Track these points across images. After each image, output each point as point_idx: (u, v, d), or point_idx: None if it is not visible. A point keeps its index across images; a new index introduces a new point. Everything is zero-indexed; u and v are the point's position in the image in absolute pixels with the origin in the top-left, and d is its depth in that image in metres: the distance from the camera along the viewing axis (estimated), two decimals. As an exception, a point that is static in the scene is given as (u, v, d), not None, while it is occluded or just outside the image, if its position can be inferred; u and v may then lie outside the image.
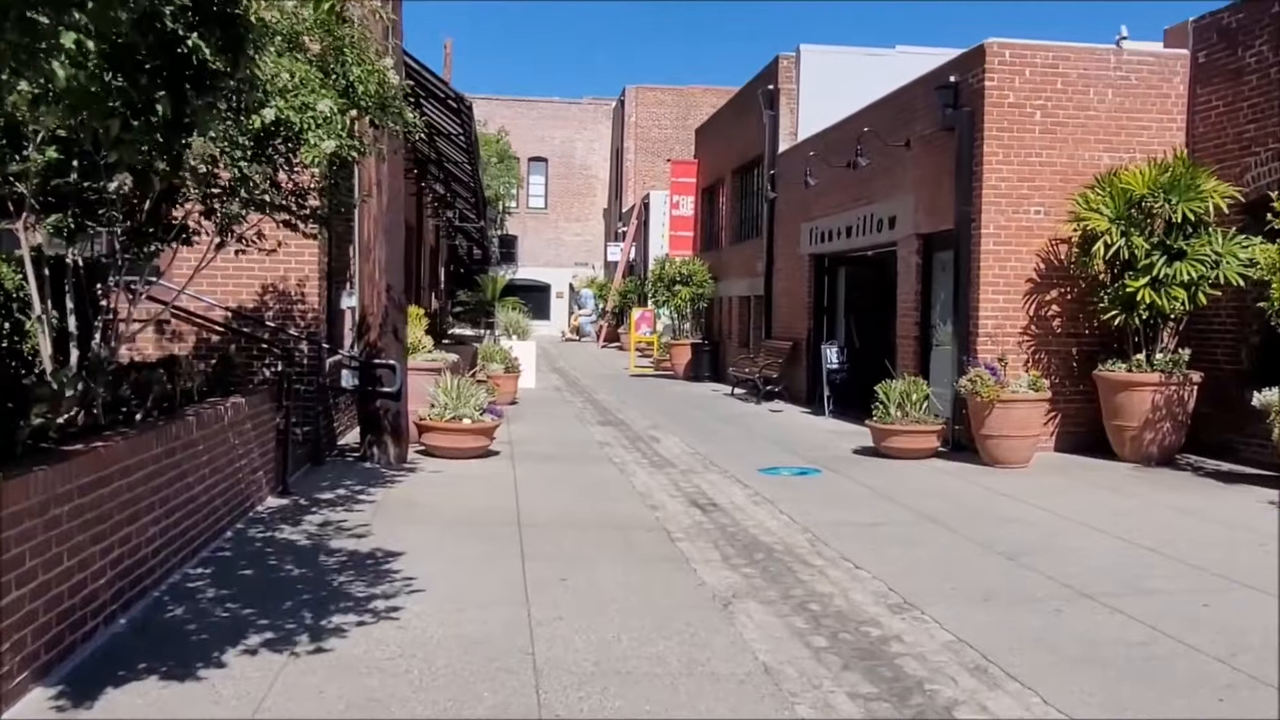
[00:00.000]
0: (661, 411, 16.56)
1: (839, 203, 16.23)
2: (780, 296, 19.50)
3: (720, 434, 13.71)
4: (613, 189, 48.39)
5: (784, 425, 14.78)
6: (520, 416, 15.06)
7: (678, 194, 27.46)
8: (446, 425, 10.31)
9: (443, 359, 11.27)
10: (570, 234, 50.46)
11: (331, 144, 5.51)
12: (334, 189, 6.87)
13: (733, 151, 23.56)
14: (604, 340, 39.54)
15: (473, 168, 15.34)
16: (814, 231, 17.48)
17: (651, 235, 36.44)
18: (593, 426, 14.46)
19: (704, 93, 44.64)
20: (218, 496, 6.55)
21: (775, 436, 13.40)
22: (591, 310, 44.17)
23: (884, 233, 14.46)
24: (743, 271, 22.44)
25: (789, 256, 18.91)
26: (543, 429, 13.78)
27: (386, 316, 9.82)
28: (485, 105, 46.52)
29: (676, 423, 14.91)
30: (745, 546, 7.17)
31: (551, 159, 50.16)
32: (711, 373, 23.70)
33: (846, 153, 15.73)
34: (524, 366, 19.43)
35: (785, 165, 18.85)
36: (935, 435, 11.25)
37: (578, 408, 17.21)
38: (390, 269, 9.84)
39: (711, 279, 24.38)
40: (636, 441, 12.86)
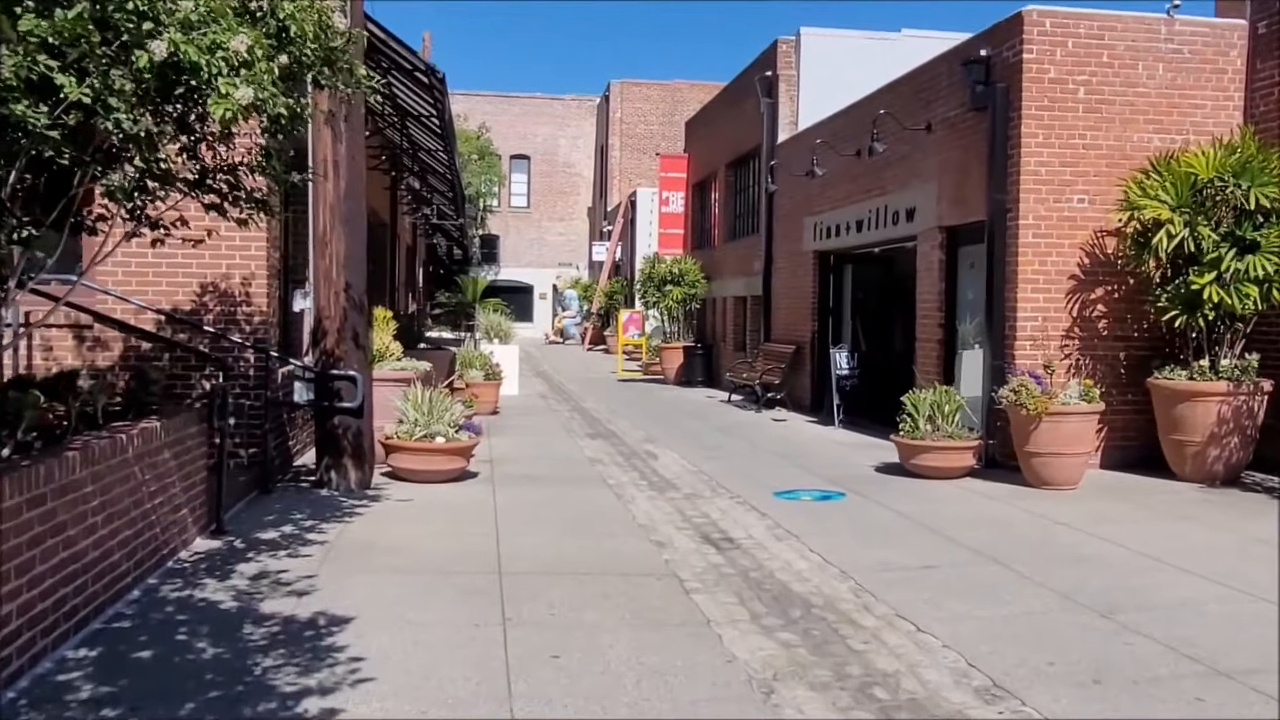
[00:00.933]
0: (655, 421, 15.26)
1: (847, 195, 14.96)
2: (780, 296, 18.23)
3: (723, 448, 12.41)
4: (597, 187, 47.07)
5: (791, 437, 13.48)
6: (502, 428, 13.72)
7: (667, 190, 26.16)
8: (417, 445, 8.97)
9: (414, 368, 9.93)
10: (554, 234, 49.11)
11: (248, 92, 4.17)
12: (267, 159, 5.52)
13: (726, 144, 22.28)
14: (589, 343, 38.22)
15: (449, 155, 14.04)
16: (819, 226, 16.21)
17: (639, 234, 35.12)
18: (582, 439, 13.14)
19: (691, 88, 43.38)
20: (117, 549, 5.19)
21: (784, 450, 12.10)
22: (576, 312, 42.83)
23: (900, 226, 13.19)
24: (738, 270, 21.16)
25: (790, 254, 17.64)
26: (527, 443, 12.44)
27: (346, 320, 8.48)
28: (466, 101, 45.18)
29: (673, 434, 13.60)
30: (776, 599, 5.87)
31: (534, 156, 48.80)
32: (705, 377, 22.42)
33: (856, 140, 14.46)
34: (506, 373, 18.10)
35: (786, 156, 17.58)
36: (970, 452, 9.99)
37: (565, 417, 15.88)
38: (350, 265, 8.49)
39: (704, 278, 23.10)
40: (632, 458, 11.55)
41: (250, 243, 8.56)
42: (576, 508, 8.46)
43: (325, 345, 8.50)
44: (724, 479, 9.97)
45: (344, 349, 8.49)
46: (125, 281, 8.50)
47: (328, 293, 8.45)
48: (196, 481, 6.56)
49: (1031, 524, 8.00)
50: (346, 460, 8.54)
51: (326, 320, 8.49)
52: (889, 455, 11.04)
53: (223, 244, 8.49)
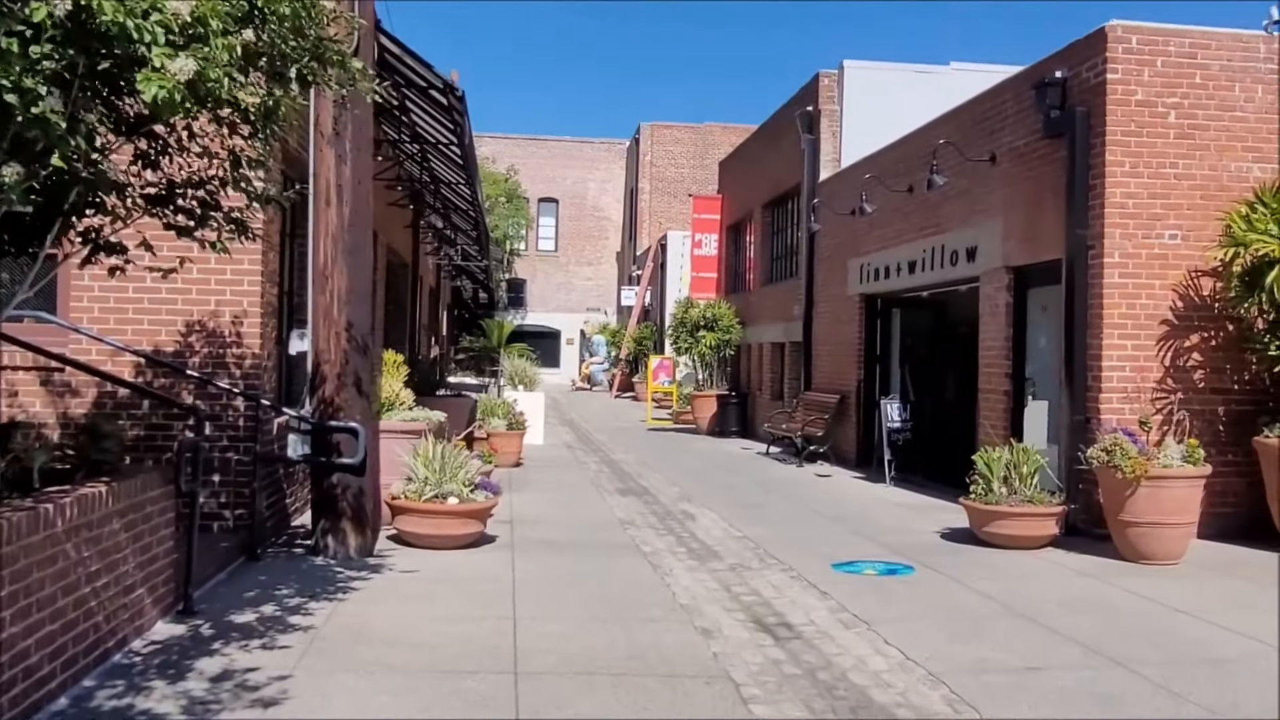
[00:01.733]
0: (690, 476, 14.14)
1: (899, 234, 13.92)
2: (822, 343, 17.14)
3: (766, 508, 11.28)
4: (626, 231, 46.32)
5: (840, 496, 12.32)
6: (524, 483, 12.66)
7: (700, 232, 25.24)
8: (426, 507, 7.91)
9: (426, 418, 8.92)
10: (581, 278, 48.33)
11: (188, 64, 3.19)
12: (235, 166, 4.55)
13: (763, 183, 21.34)
14: (617, 389, 37.20)
15: (471, 188, 13.16)
16: (865, 268, 15.15)
17: (669, 278, 34.21)
18: (611, 497, 12.04)
19: (723, 130, 42.65)
20: (36, 649, 4.15)
21: (835, 512, 10.95)
22: (604, 358, 41.87)
23: (959, 267, 12.12)
24: (776, 315, 20.11)
25: (833, 298, 16.58)
26: (552, 501, 11.36)
27: (347, 364, 7.47)
28: (494, 143, 44.75)
29: (711, 492, 12.48)
30: (854, 711, 4.74)
31: (563, 200, 48.18)
32: (739, 427, 21.29)
33: (909, 175, 13.45)
34: (531, 422, 17.07)
35: (828, 194, 16.59)
36: (1053, 519, 8.81)
37: (592, 471, 14.80)
38: (354, 302, 7.51)
39: (738, 324, 22.06)
40: (667, 519, 10.44)
41: (243, 276, 7.61)
42: (607, 582, 7.36)
43: (324, 393, 7.49)
44: (772, 546, 8.83)
45: (345, 397, 7.48)
46: (102, 319, 7.55)
47: (327, 333, 7.46)
48: (159, 554, 5.52)
49: (1143, 610, 6.81)
50: (345, 524, 7.50)
51: (326, 364, 7.49)
52: (951, 519, 9.90)
53: (211, 278, 7.57)
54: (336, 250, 7.43)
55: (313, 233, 7.59)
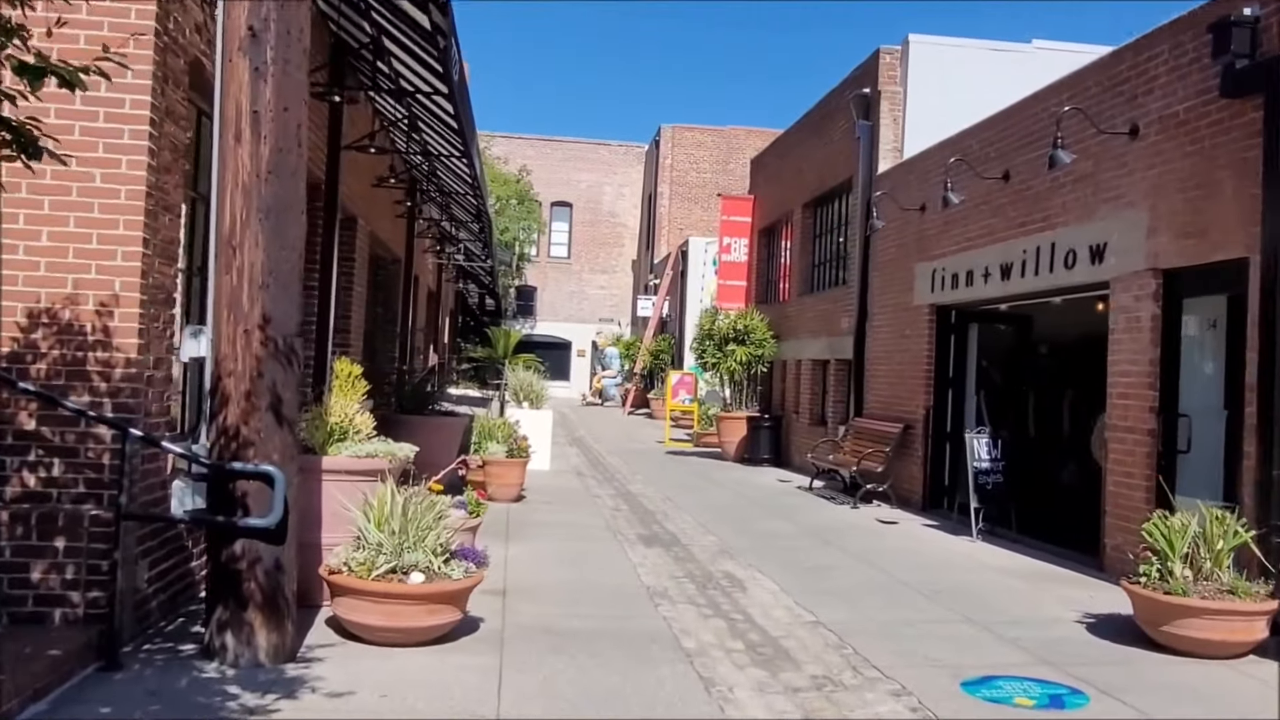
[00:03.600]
0: (726, 518, 11.66)
1: (987, 231, 11.45)
2: (878, 361, 14.66)
3: (835, 572, 8.79)
4: (644, 238, 43.91)
5: (921, 554, 9.80)
6: (525, 526, 10.19)
7: (729, 235, 22.80)
8: (378, 587, 5.45)
9: (387, 453, 6.46)
10: (595, 286, 45.89)
11: None
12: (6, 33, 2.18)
13: (804, 179, 18.90)
14: (631, 406, 34.73)
15: (466, 147, 10.72)
16: (938, 274, 12.68)
17: (690, 287, 31.80)
18: (633, 548, 9.55)
19: (747, 134, 40.27)
20: None
21: (925, 581, 8.45)
22: (617, 371, 39.41)
23: (1076, 270, 9.64)
24: (818, 328, 17.63)
25: (894, 308, 14.10)
26: (558, 556, 8.89)
27: (261, 377, 5.01)
28: (506, 143, 42.51)
29: (757, 544, 10.00)
30: None
31: (577, 204, 45.80)
32: (772, 455, 18.80)
33: (1002, 159, 11.02)
34: (536, 444, 14.66)
35: (890, 188, 14.12)
36: (1263, 619, 6.30)
37: (607, 508, 12.31)
38: (274, 288, 5.05)
39: (771, 338, 19.58)
40: (708, 587, 7.96)
41: (116, 246, 5.18)
42: (637, 707, 4.89)
43: (225, 419, 5.03)
44: (863, 642, 6.35)
45: (257, 426, 5.02)
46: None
47: (232, 331, 5.00)
48: None
49: None
50: (252, 614, 5.04)
51: (230, 378, 5.03)
52: (1080, 595, 7.62)
53: (70, 246, 5.15)
54: (249, 209, 4.98)
55: (217, 183, 5.16)
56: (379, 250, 14.91)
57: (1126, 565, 8.11)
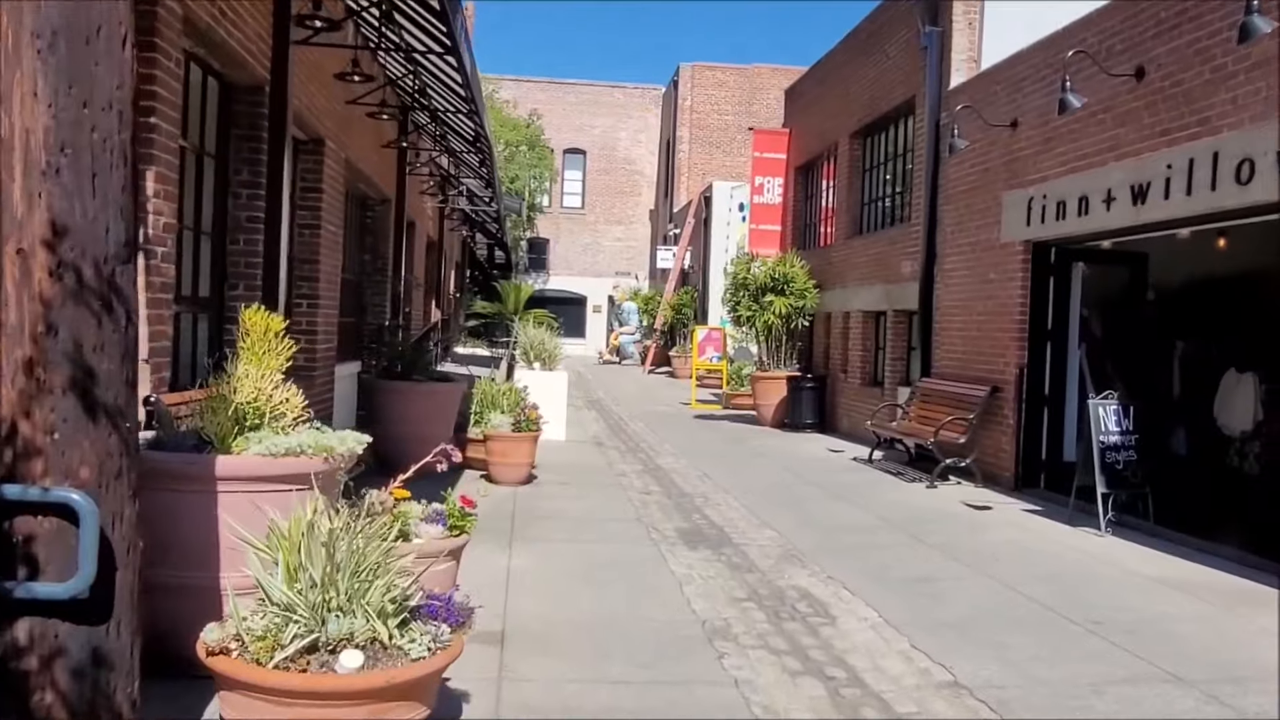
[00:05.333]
0: (781, 504, 9.50)
1: (1110, 144, 9.14)
2: (950, 312, 12.40)
3: (948, 590, 6.60)
4: (662, 186, 41.46)
5: (1050, 560, 7.58)
6: (532, 522, 8.05)
7: (762, 175, 20.44)
8: (285, 682, 3.29)
9: (320, 447, 4.25)
10: (611, 238, 43.51)
11: None
12: None
13: (852, 105, 16.52)
14: (651, 364, 32.53)
15: (464, 77, 8.59)
16: (1036, 203, 10.38)
17: (714, 237, 29.46)
18: (674, 554, 7.38)
19: (772, 73, 37.64)
20: None
21: (1079, 607, 6.25)
22: (635, 328, 37.19)
23: (1256, 184, 7.34)
24: (871, 275, 15.36)
25: (973, 247, 11.82)
26: (574, 571, 6.73)
27: (52, 333, 2.82)
28: (515, 87, 40.08)
29: (827, 541, 7.84)
30: None
31: (590, 151, 43.30)
32: (815, 419, 16.61)
33: (1130, 54, 8.69)
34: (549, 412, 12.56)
35: (970, 103, 11.74)
36: None
37: (635, 492, 10.15)
38: (74, 170, 2.84)
39: (814, 287, 17.31)
40: (782, 616, 5.81)
41: None
42: None
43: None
44: None
45: (46, 420, 2.83)
46: None
47: None
48: None
49: None
50: (52, 744, 2.87)
51: (2, 335, 2.84)
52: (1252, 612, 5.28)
53: None
54: (17, 32, 2.75)
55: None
56: (362, 186, 12.69)
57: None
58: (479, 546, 6.86)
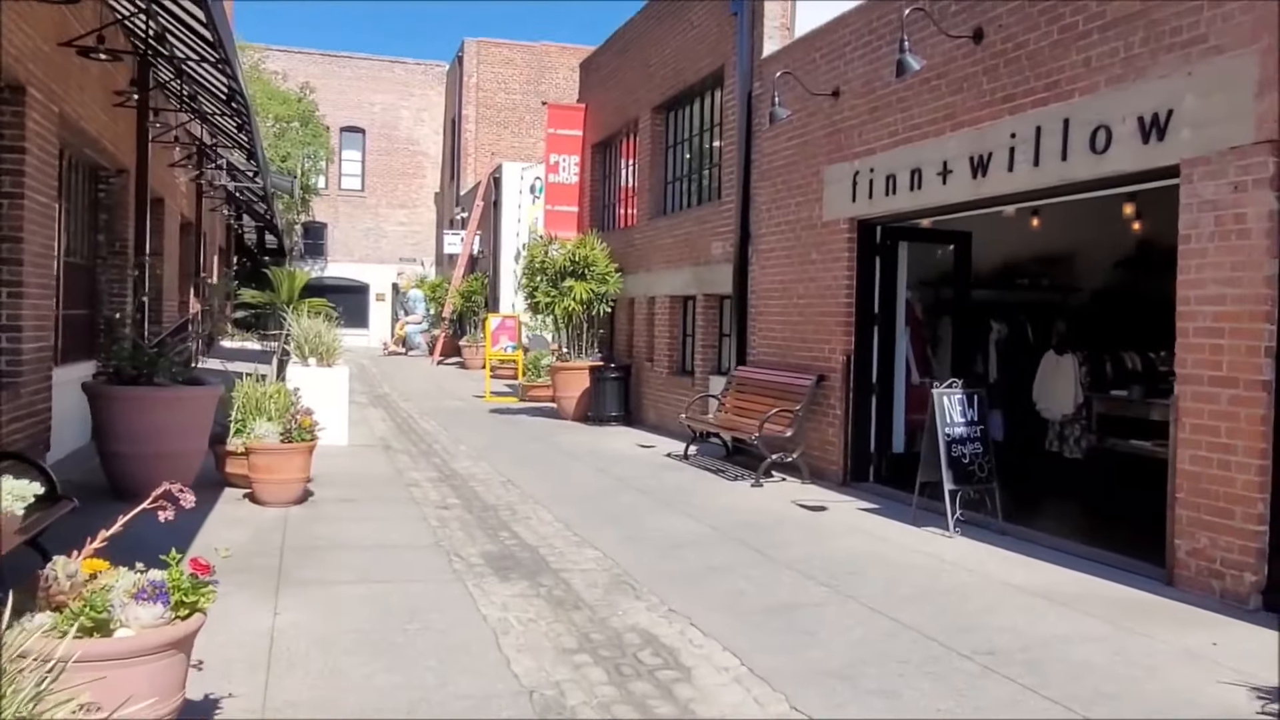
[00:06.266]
0: (602, 514, 8.36)
1: (945, 112, 8.47)
2: (768, 295, 11.62)
3: (812, 621, 5.61)
4: (448, 168, 39.53)
5: (909, 572, 6.74)
6: (306, 557, 6.52)
7: (557, 152, 19.22)
8: None
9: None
10: (394, 222, 41.14)
11: None
12: None
13: (654, 77, 15.56)
14: (440, 354, 30.77)
15: (213, 27, 6.92)
16: (862, 178, 9.67)
17: (504, 220, 28.03)
18: (484, 590, 6.07)
19: (560, 51, 36.51)
20: None
21: (963, 635, 5.41)
22: (422, 317, 35.23)
23: (1113, 153, 6.75)
24: (678, 257, 14.46)
25: (793, 226, 11.05)
26: (359, 630, 5.29)
27: None
28: (285, 58, 37.16)
29: (663, 562, 6.75)
30: None
31: (370, 130, 40.75)
32: (621, 412, 15.62)
33: (964, 16, 8.05)
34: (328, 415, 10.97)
35: (785, 71, 10.93)
36: None
37: (432, 506, 8.73)
38: None
39: (615, 271, 16.30)
40: (626, 674, 4.65)
41: None
42: None
43: None
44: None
45: None
46: None
47: None
48: None
49: None
50: None
51: None
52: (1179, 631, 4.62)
53: None
54: None
55: None
56: (90, 152, 10.65)
57: (1216, 578, 5.43)
58: (234, 597, 5.36)
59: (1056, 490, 9.68)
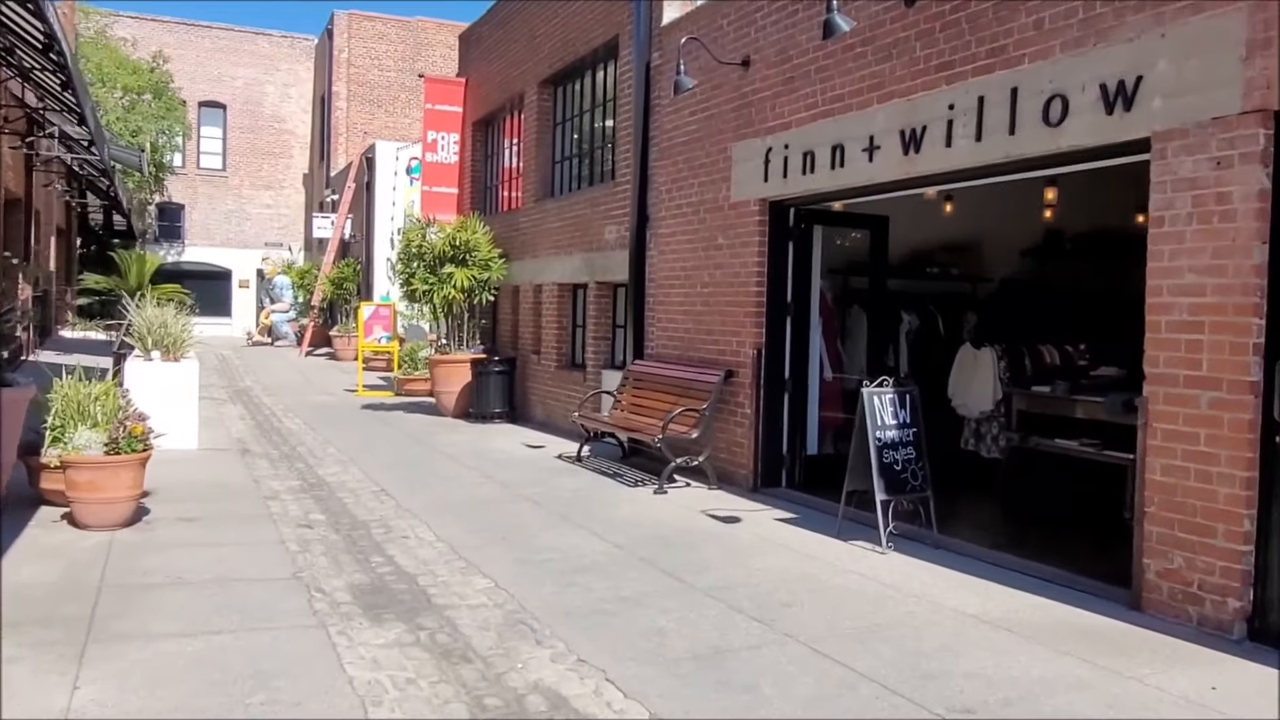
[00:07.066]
0: (490, 531, 7.30)
1: (873, 82, 7.68)
2: (668, 283, 10.71)
3: (755, 669, 4.71)
4: (317, 148, 37.47)
5: (849, 598, 5.90)
6: (129, 601, 5.28)
7: (436, 129, 17.92)
8: None
9: None
10: (259, 204, 38.81)
11: None
12: None
13: (540, 49, 14.48)
14: (308, 345, 28.96)
15: None
16: (775, 155, 8.84)
17: (378, 202, 26.47)
18: (351, 634, 4.99)
19: (438, 27, 34.95)
20: None
21: (933, 688, 4.61)
22: (289, 305, 33.23)
23: (1070, 125, 6.04)
24: (568, 242, 13.44)
25: (697, 208, 10.17)
26: (179, 712, 4.19)
27: None
28: (134, 25, 34.60)
29: (565, 594, 5.76)
30: None
31: (232, 106, 38.29)
32: (505, 408, 14.51)
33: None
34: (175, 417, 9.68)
35: (689, 38, 10.00)
36: None
37: (292, 523, 7.52)
38: None
39: (499, 257, 15.18)
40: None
41: None
42: None
43: None
44: None
45: None
46: None
47: None
48: None
49: None
50: None
51: None
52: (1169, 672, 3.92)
53: None
54: None
55: None
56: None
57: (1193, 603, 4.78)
58: (22, 664, 4.18)
59: (982, 494, 9.06)
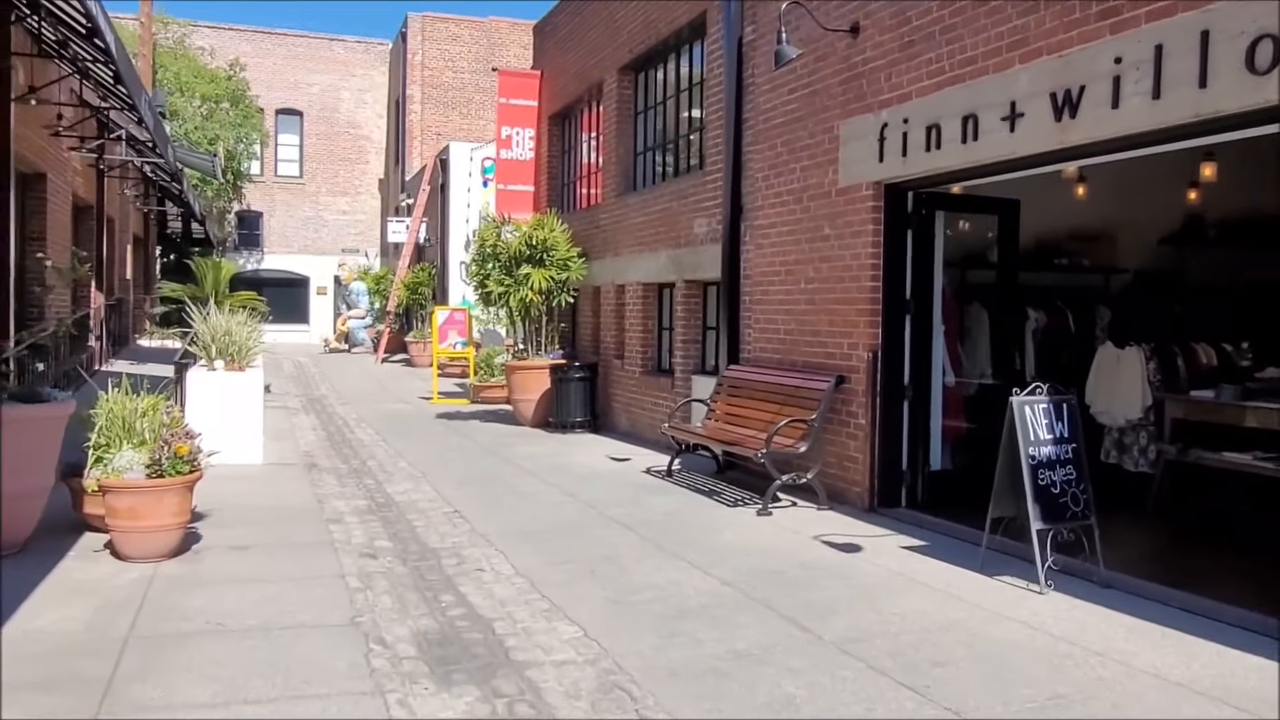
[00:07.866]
0: (576, 565, 6.38)
1: (1013, 39, 6.59)
2: (766, 280, 9.70)
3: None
4: (392, 152, 37.19)
5: (1021, 655, 4.80)
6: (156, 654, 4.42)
7: (510, 125, 17.14)
8: None
9: None
10: (335, 211, 38.69)
11: None
12: None
13: (620, 33, 13.58)
14: (384, 351, 28.51)
15: None
16: (892, 131, 7.77)
17: (452, 205, 25.88)
18: (413, 703, 4.11)
19: (511, 27, 34.35)
20: None
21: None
22: (365, 311, 32.89)
23: (1267, 77, 4.90)
24: (653, 238, 12.50)
25: (799, 196, 9.13)
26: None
27: None
28: (212, 35, 34.64)
29: (669, 643, 4.78)
30: None
31: (308, 113, 38.23)
32: (586, 417, 13.62)
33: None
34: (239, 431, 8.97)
35: (788, 4, 8.97)
36: None
37: (354, 552, 6.69)
38: None
39: (578, 256, 14.33)
40: None
41: None
42: None
43: None
44: None
45: None
46: None
47: None
48: None
49: None
50: None
51: None
52: None
53: None
54: None
55: None
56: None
57: None
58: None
59: (1137, 516, 7.87)
